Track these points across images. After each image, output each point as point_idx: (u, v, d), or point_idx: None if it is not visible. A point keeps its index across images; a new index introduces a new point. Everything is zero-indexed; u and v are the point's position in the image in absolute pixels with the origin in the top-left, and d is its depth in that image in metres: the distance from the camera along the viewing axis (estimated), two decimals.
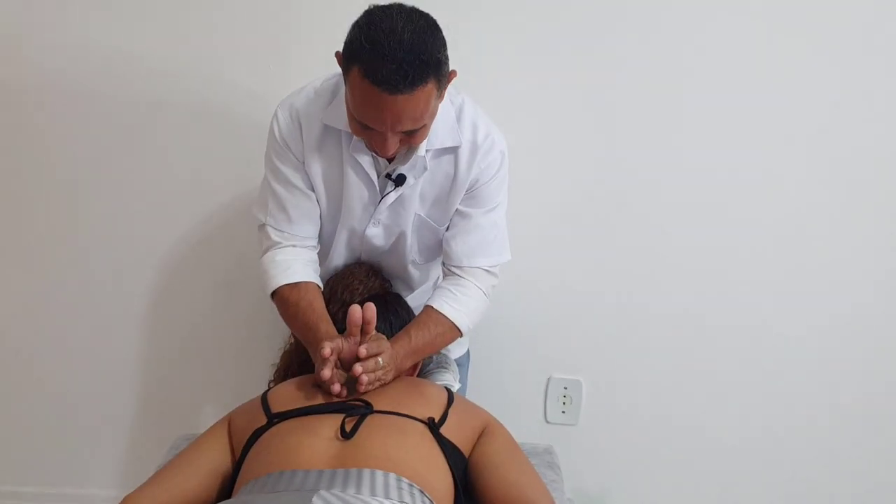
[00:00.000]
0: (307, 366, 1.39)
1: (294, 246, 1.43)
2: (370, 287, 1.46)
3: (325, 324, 1.33)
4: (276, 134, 1.38)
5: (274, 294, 1.41)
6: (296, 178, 1.40)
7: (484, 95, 1.48)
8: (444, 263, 1.49)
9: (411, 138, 1.26)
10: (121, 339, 1.97)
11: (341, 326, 1.33)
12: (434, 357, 1.54)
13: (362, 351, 1.19)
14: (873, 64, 1.74)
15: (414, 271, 1.56)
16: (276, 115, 1.39)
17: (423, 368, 1.50)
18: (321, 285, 1.44)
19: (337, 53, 1.23)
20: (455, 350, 1.66)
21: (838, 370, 1.92)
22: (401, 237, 1.47)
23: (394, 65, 1.12)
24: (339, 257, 1.52)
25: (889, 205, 1.82)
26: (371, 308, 1.23)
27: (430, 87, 1.18)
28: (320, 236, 1.48)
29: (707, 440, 1.98)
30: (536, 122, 1.79)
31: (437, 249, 1.52)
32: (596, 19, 1.73)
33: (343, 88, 1.28)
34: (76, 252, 1.92)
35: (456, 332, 1.41)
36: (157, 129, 1.83)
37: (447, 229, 1.46)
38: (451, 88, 1.30)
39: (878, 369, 1.91)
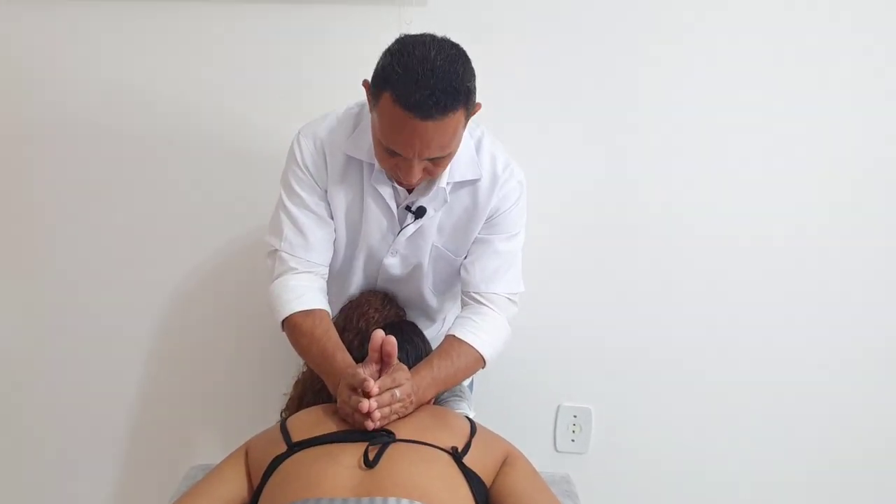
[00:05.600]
0: (322, 395, 1.39)
1: (308, 272, 1.42)
2: (386, 315, 1.46)
3: (342, 353, 1.32)
4: (299, 160, 1.38)
5: (286, 321, 1.39)
6: (315, 204, 1.40)
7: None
8: (462, 291, 1.48)
9: (436, 167, 1.27)
10: (131, 369, 1.96)
11: (356, 355, 1.34)
12: None
13: (374, 389, 1.16)
14: (874, 73, 1.76)
15: (430, 301, 1.56)
16: (298, 141, 1.39)
17: (437, 396, 1.49)
18: (331, 314, 1.43)
19: (365, 82, 1.25)
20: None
21: (853, 402, 1.93)
22: (417, 268, 1.48)
23: (426, 91, 1.14)
24: (355, 285, 1.52)
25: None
26: (392, 342, 1.21)
27: (460, 114, 1.19)
28: (337, 263, 1.48)
29: (718, 469, 1.97)
30: (546, 151, 1.80)
31: (453, 281, 1.53)
32: (600, 34, 1.76)
33: (365, 119, 1.30)
34: (86, 282, 1.92)
35: (480, 363, 1.39)
36: (169, 161, 1.84)
37: (466, 256, 1.46)
38: (470, 124, 1.32)
39: None
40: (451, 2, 1.72)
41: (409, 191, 1.37)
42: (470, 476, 1.10)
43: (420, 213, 1.38)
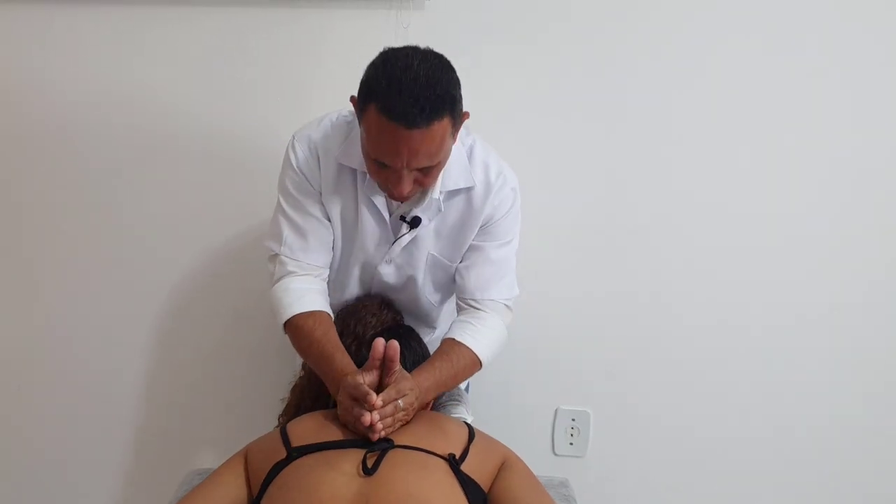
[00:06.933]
0: (320, 401, 1.39)
1: (308, 275, 1.42)
2: (383, 320, 1.45)
3: (341, 354, 1.32)
4: (294, 164, 1.39)
5: (287, 323, 1.39)
6: (313, 208, 1.41)
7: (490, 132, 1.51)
8: (458, 297, 1.49)
9: (425, 177, 1.27)
10: (128, 374, 1.96)
11: (354, 359, 1.33)
12: None
13: (378, 402, 1.16)
14: (873, 74, 1.76)
15: (427, 308, 1.56)
16: (292, 146, 1.40)
17: (436, 401, 1.49)
18: (331, 314, 1.43)
19: (352, 98, 1.26)
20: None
21: (854, 405, 1.93)
22: (413, 276, 1.48)
23: (410, 99, 1.15)
24: (350, 293, 1.52)
25: None
26: (395, 347, 1.20)
27: (446, 122, 1.20)
28: (333, 272, 1.49)
29: (716, 472, 1.97)
30: (543, 151, 1.81)
31: (449, 288, 1.53)
32: (598, 38, 1.76)
33: (356, 128, 1.30)
34: (83, 287, 1.92)
35: (477, 365, 1.40)
36: (169, 165, 1.84)
37: (461, 261, 1.47)
38: (461, 129, 1.32)
39: None
40: (448, 5, 1.72)
41: (403, 201, 1.37)
42: (467, 483, 1.10)
43: (415, 223, 1.39)
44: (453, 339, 1.39)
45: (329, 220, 1.43)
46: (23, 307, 1.94)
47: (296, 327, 1.38)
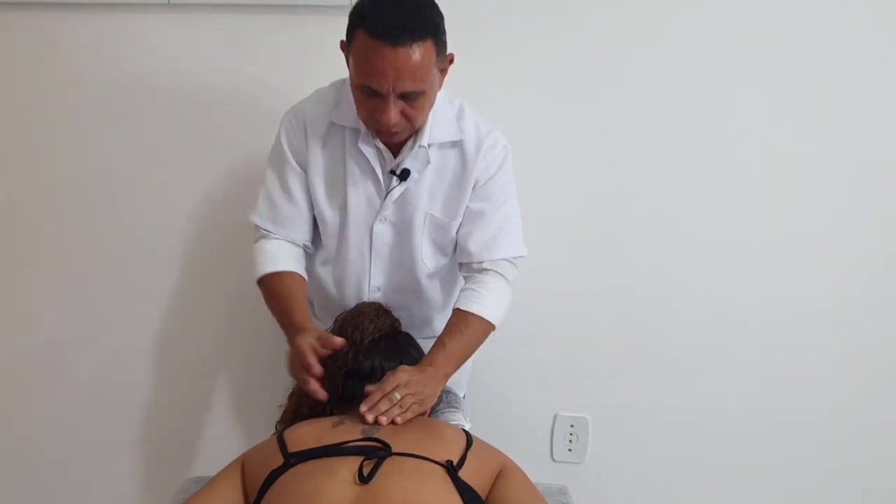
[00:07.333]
0: (317, 407, 1.38)
1: (281, 239, 1.50)
2: (380, 326, 1.45)
3: (300, 312, 1.41)
4: (282, 139, 1.47)
5: (259, 282, 1.48)
6: (294, 183, 1.47)
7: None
8: (463, 266, 1.52)
9: (412, 109, 1.31)
10: (125, 381, 1.96)
11: (352, 367, 1.34)
12: (444, 397, 1.54)
13: (369, 417, 1.22)
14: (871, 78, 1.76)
15: (428, 285, 1.57)
16: (281, 121, 1.49)
17: (433, 408, 1.49)
18: (305, 276, 1.51)
19: (341, 42, 1.33)
20: (455, 388, 1.65)
21: (854, 408, 1.93)
22: (410, 237, 1.50)
23: (395, 16, 1.23)
24: (352, 269, 1.53)
25: None
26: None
27: (430, 46, 1.26)
28: (329, 244, 1.52)
29: (716, 479, 1.97)
30: (539, 147, 1.80)
31: (446, 251, 1.54)
32: (596, 35, 1.76)
33: (348, 89, 1.37)
34: (80, 293, 1.92)
35: (489, 327, 1.44)
36: (169, 169, 1.85)
37: (461, 228, 1.50)
38: (449, 93, 1.42)
39: None
40: (445, 9, 1.71)
41: (395, 154, 1.44)
42: (465, 490, 1.10)
43: (404, 175, 1.43)
44: (459, 310, 1.44)
45: (309, 202, 1.49)
46: (14, 316, 1.95)
47: (265, 286, 1.48)
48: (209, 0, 1.73)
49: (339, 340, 1.32)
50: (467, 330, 1.41)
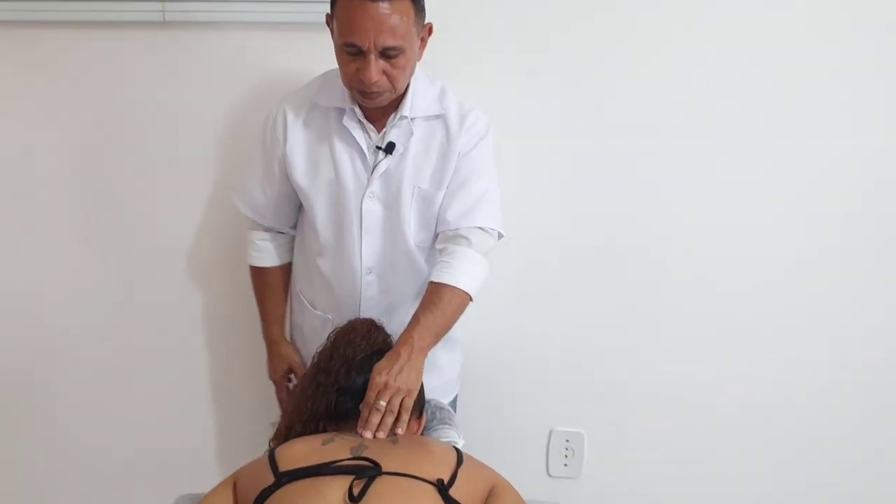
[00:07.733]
0: (310, 425, 1.37)
1: (268, 230, 1.67)
2: (372, 342, 1.45)
3: (272, 305, 1.72)
4: (266, 131, 1.56)
5: (250, 267, 1.71)
6: (271, 176, 1.57)
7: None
8: (439, 235, 1.53)
9: (393, 68, 1.37)
10: (117, 396, 1.96)
11: (344, 383, 1.35)
12: (437, 413, 1.53)
13: (367, 435, 1.28)
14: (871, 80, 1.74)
15: (419, 263, 1.57)
16: (268, 116, 1.57)
17: (426, 424, 1.49)
18: (289, 262, 1.71)
19: (327, 16, 1.41)
20: (444, 397, 1.66)
21: (851, 425, 1.92)
22: (398, 211, 1.52)
23: None
24: (343, 248, 1.55)
25: None
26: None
27: (408, 4, 1.34)
28: (319, 229, 1.56)
29: (712, 493, 1.96)
30: (537, 168, 1.80)
31: (432, 228, 1.56)
32: (595, 36, 1.75)
33: (332, 72, 1.48)
34: (78, 301, 1.92)
35: (464, 297, 1.46)
36: (170, 174, 1.86)
37: (443, 200, 1.51)
38: (431, 75, 1.51)
39: None
40: (444, 12, 1.71)
41: (378, 130, 1.49)
42: None
43: (389, 148, 1.48)
44: (431, 283, 1.47)
45: (290, 187, 1.57)
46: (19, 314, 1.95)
47: (252, 274, 1.73)
48: (204, 17, 1.74)
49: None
50: (441, 302, 1.43)
